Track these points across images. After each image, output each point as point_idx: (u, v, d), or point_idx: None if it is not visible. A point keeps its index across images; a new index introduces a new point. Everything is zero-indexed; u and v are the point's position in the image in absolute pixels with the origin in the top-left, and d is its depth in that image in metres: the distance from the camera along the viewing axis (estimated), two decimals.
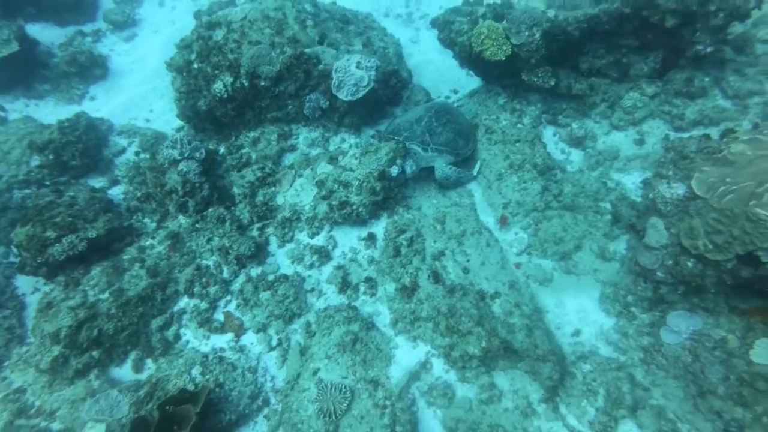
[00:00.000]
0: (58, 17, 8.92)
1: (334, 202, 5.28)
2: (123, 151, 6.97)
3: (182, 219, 5.41)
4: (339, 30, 6.80)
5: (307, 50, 5.89)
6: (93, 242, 5.17)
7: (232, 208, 5.63)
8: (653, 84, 5.95)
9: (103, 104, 7.84)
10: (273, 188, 5.76)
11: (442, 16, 6.16)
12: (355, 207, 5.24)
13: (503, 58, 5.70)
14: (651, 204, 4.48)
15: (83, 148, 6.46)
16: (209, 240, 5.33)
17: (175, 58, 6.15)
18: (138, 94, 7.87)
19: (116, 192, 6.31)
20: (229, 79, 5.84)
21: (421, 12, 8.55)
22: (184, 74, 6.09)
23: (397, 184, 5.61)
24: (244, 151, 6.15)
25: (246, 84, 5.85)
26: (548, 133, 6.22)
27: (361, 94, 5.83)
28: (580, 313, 4.99)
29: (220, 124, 6.35)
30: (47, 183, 6.29)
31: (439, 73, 7.52)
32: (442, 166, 5.69)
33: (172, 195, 5.38)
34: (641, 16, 5.53)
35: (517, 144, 5.84)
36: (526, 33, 5.59)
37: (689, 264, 4.04)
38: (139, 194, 5.78)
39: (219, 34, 6.09)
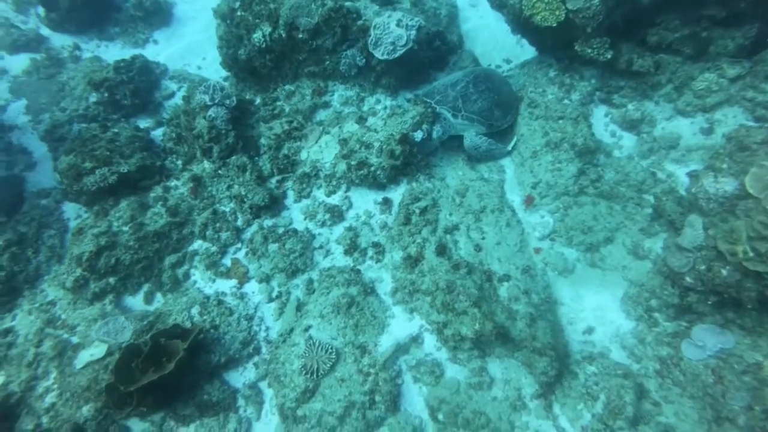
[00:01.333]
0: None
1: (353, 162, 5.14)
2: (172, 95, 7.22)
3: (206, 164, 5.53)
4: None
5: (347, 4, 5.67)
6: (124, 177, 5.43)
7: (256, 158, 5.66)
8: (737, 64, 5.14)
9: (163, 49, 8.14)
10: (299, 143, 5.71)
11: None
12: (373, 169, 5.07)
13: (554, 24, 5.15)
14: (693, 199, 3.91)
15: (134, 88, 6.75)
16: (229, 187, 5.42)
17: (221, 5, 6.19)
18: (195, 41, 8.08)
19: (159, 133, 6.58)
20: (268, 29, 5.79)
21: None
22: (228, 22, 6.12)
23: (422, 150, 5.35)
24: (278, 103, 6.13)
25: (284, 35, 5.77)
26: (599, 112, 5.62)
27: (398, 54, 5.55)
28: (597, 311, 4.55)
29: (260, 76, 6.36)
30: (100, 119, 6.68)
31: (495, 41, 7.02)
32: (471, 135, 5.33)
33: (198, 139, 5.49)
34: None
35: (560, 121, 5.32)
36: None
37: (724, 272, 3.49)
38: (174, 136, 5.96)
39: None
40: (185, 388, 4.36)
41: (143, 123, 6.82)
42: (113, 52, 8.26)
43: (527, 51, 6.57)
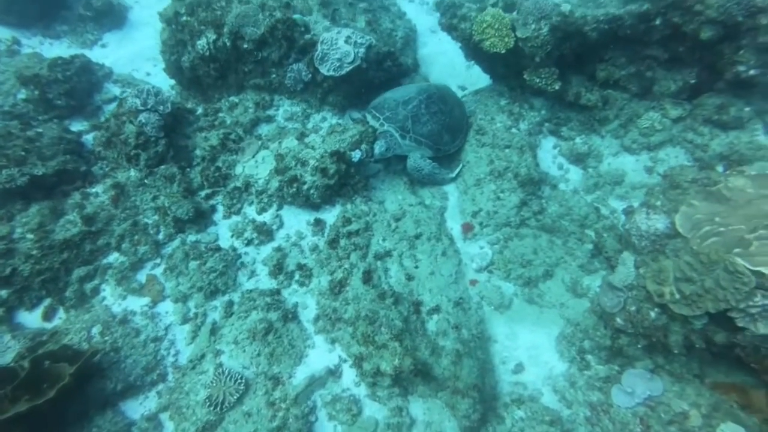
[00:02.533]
0: None
1: (285, 179, 4.85)
2: (114, 99, 6.82)
3: (132, 172, 5.15)
4: (346, 5, 6.36)
5: (295, 16, 5.48)
6: (38, 180, 4.99)
7: (188, 169, 5.31)
8: (679, 106, 5.13)
9: (112, 52, 7.79)
10: (235, 156, 5.41)
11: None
12: (306, 187, 4.79)
13: (502, 51, 5.06)
14: (626, 236, 3.75)
15: (70, 88, 6.35)
16: (154, 198, 5.05)
17: (167, 9, 5.93)
18: (147, 47, 7.74)
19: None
20: (212, 36, 5.53)
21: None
22: (173, 26, 5.85)
23: (363, 172, 5.11)
24: (220, 115, 5.84)
25: (229, 44, 5.52)
26: (548, 143, 5.51)
27: (345, 71, 5.36)
28: (531, 350, 4.30)
29: (204, 85, 6.07)
30: (28, 117, 6.24)
31: (452, 67, 6.94)
32: (415, 156, 5.13)
33: (124, 145, 5.13)
34: (672, 24, 4.74)
35: (506, 150, 5.18)
36: (533, 26, 4.93)
37: (652, 314, 3.30)
38: (104, 140, 5.57)
39: None
40: (71, 420, 3.87)
41: (77, 126, 6.39)
42: (58, 50, 7.84)
43: (483, 79, 6.49)
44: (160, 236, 4.90)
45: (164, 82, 7.08)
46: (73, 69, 6.54)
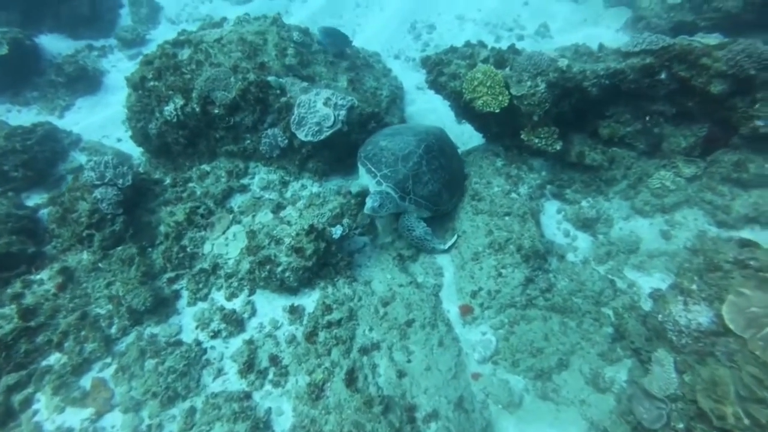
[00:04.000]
0: (74, 31, 8.81)
1: (257, 260, 4.25)
2: (80, 168, 6.33)
3: (85, 254, 4.55)
4: (327, 64, 6.00)
5: (270, 79, 5.07)
6: None
7: (149, 249, 4.72)
8: (693, 164, 4.67)
9: (83, 118, 7.39)
10: (203, 232, 4.83)
11: (435, 56, 5.21)
12: (280, 270, 4.18)
13: (497, 110, 4.62)
14: (659, 328, 3.13)
15: (29, 159, 5.86)
16: (109, 284, 4.42)
17: (134, 73, 5.52)
18: (120, 111, 7.28)
19: None
20: (180, 102, 5.10)
21: None
22: (139, 91, 5.42)
23: (344, 248, 4.53)
24: (190, 185, 5.31)
25: (198, 109, 5.08)
26: (551, 208, 4.99)
27: (324, 135, 4.90)
28: None
29: (174, 153, 5.59)
30: None
31: (441, 124, 6.50)
32: (411, 217, 4.66)
33: (77, 224, 4.55)
34: (679, 77, 4.34)
35: (506, 218, 4.63)
36: (529, 83, 4.52)
37: None
38: (57, 217, 5.00)
39: (185, 54, 5.43)
40: None
41: (36, 199, 5.85)
42: (26, 117, 7.44)
43: (475, 137, 6.06)
44: (113, 330, 4.23)
45: (135, 149, 6.62)
46: (35, 138, 6.09)
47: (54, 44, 8.55)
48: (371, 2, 8.92)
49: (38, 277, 4.52)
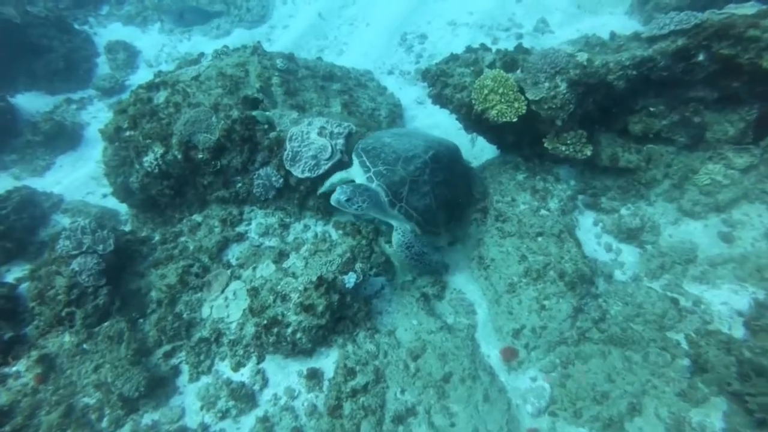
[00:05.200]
0: (50, 86, 8.38)
1: (264, 322, 3.68)
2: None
3: (67, 336, 4.00)
4: (317, 89, 5.50)
5: (255, 113, 4.56)
6: None
7: (141, 320, 4.17)
8: (745, 152, 4.09)
9: (65, 176, 6.92)
10: (200, 293, 4.28)
11: (436, 67, 4.68)
12: (290, 332, 3.61)
13: (514, 119, 4.07)
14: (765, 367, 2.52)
15: (5, 230, 5.36)
16: (97, 368, 3.87)
17: (108, 125, 5.03)
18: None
19: None
20: (159, 150, 4.59)
21: None
22: (116, 143, 4.93)
23: (360, 295, 3.96)
24: (181, 239, 4.78)
25: (179, 156, 4.57)
26: (586, 221, 4.40)
27: (322, 170, 4.37)
28: None
29: (161, 206, 5.07)
30: None
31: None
32: (406, 230, 4.00)
33: (55, 303, 4.01)
34: (722, 57, 3.77)
35: (539, 239, 4.06)
36: (547, 84, 3.98)
37: None
38: (35, 293, 4.46)
39: (161, 97, 4.94)
40: None
41: (17, 272, 5.34)
42: (6, 183, 6.97)
43: (487, 150, 5.50)
44: (104, 424, 3.65)
45: (122, 205, 6.11)
46: (11, 206, 5.61)
47: (31, 102, 8.13)
48: (356, 19, 8.47)
49: (14, 369, 3.96)
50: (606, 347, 3.53)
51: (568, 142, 4.15)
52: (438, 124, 6.24)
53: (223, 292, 4.24)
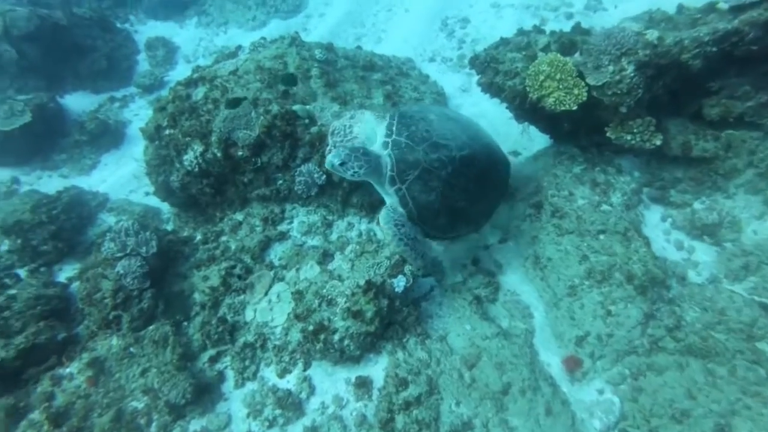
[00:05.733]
0: (95, 85, 8.51)
1: (310, 327, 3.53)
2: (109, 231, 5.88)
3: (114, 340, 3.98)
4: (358, 80, 5.28)
5: (295, 108, 4.39)
6: None
7: (185, 323, 4.11)
8: None
9: (110, 174, 6.99)
10: (243, 296, 4.18)
11: (485, 53, 4.37)
12: (337, 338, 3.45)
13: (574, 108, 3.72)
14: None
15: (56, 230, 5.44)
16: (144, 372, 3.83)
17: (148, 123, 4.99)
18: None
19: None
20: (199, 149, 4.50)
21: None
22: (156, 142, 4.88)
23: (409, 299, 3.75)
24: (222, 239, 4.70)
25: (219, 154, 4.46)
26: (653, 216, 4.03)
27: None
28: None
29: (201, 204, 5.01)
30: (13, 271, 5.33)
31: (494, 130, 5.55)
32: (395, 204, 3.62)
33: (102, 306, 4.00)
34: None
35: (601, 237, 3.73)
36: (611, 67, 3.62)
37: None
38: (84, 294, 4.48)
39: (199, 93, 4.84)
40: None
41: (68, 271, 5.43)
42: (56, 182, 7.12)
43: (538, 140, 5.14)
44: (153, 429, 3.61)
45: (165, 203, 6.11)
46: (60, 206, 5.69)
47: (78, 102, 8.27)
48: (394, 5, 8.15)
49: (68, 370, 3.98)
50: (683, 358, 3.19)
51: (635, 130, 3.77)
52: (484, 113, 5.91)
53: (266, 294, 4.12)
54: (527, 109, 4.11)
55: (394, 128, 3.70)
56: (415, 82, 5.80)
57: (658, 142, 3.75)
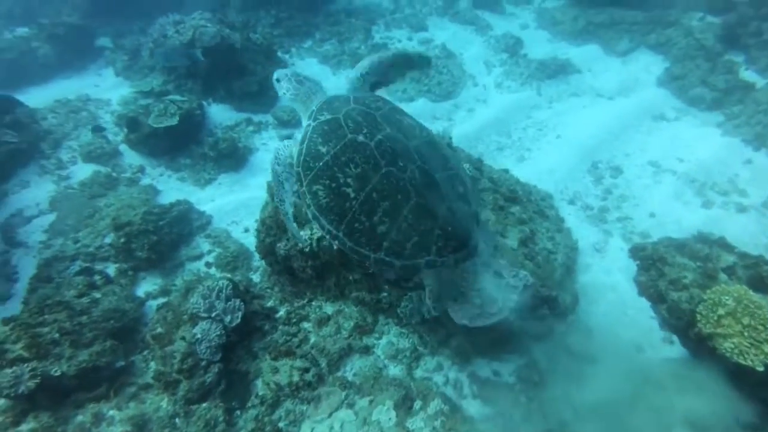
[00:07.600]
0: (240, 104, 8.94)
1: None
2: (200, 257, 5.90)
3: (165, 402, 3.75)
4: (497, 209, 4.95)
5: None
6: (52, 383, 3.78)
7: (238, 412, 3.79)
8: None
9: (221, 195, 7.11)
10: (305, 406, 3.81)
11: (653, 248, 3.85)
12: None
13: (760, 368, 3.07)
14: None
15: (156, 241, 5.52)
16: None
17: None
18: (256, 197, 6.91)
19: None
20: (318, 232, 4.31)
21: (622, 212, 6.24)
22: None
23: None
24: (304, 325, 4.43)
25: (335, 246, 4.23)
26: None
27: (482, 323, 3.71)
28: None
29: (297, 278, 4.81)
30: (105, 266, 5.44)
31: (622, 311, 5.01)
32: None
33: (167, 364, 3.80)
34: None
35: None
36: None
37: None
38: (157, 329, 4.36)
39: None
40: None
41: (150, 284, 5.45)
42: (173, 184, 7.40)
43: (674, 347, 4.44)
44: None
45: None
46: (168, 218, 5.83)
47: (220, 113, 8.70)
48: (546, 125, 7.86)
49: (110, 413, 3.79)
50: None
51: None
52: (615, 285, 5.31)
53: (330, 416, 3.72)
54: (689, 337, 3.50)
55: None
56: (552, 227, 5.34)
57: None
